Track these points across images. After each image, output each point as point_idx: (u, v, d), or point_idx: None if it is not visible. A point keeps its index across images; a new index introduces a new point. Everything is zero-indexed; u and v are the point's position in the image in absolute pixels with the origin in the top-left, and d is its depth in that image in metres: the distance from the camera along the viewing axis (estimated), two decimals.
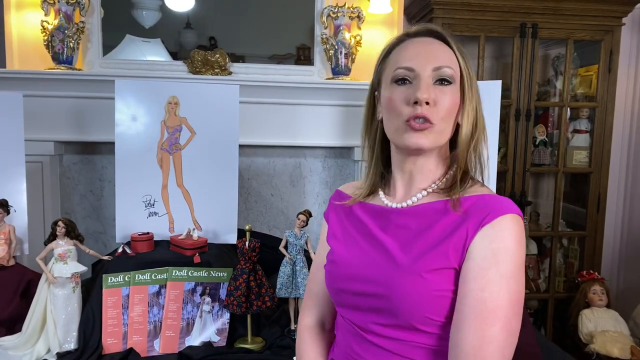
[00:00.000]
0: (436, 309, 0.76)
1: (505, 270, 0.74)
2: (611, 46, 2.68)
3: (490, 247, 0.74)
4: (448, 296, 0.76)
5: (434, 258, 0.77)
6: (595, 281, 2.58)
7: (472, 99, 0.82)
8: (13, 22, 2.33)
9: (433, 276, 0.76)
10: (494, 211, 0.76)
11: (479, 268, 0.74)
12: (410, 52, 0.81)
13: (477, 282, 0.73)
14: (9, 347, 1.57)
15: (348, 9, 2.35)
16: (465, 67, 0.82)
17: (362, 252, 0.85)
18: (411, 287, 0.76)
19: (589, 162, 2.78)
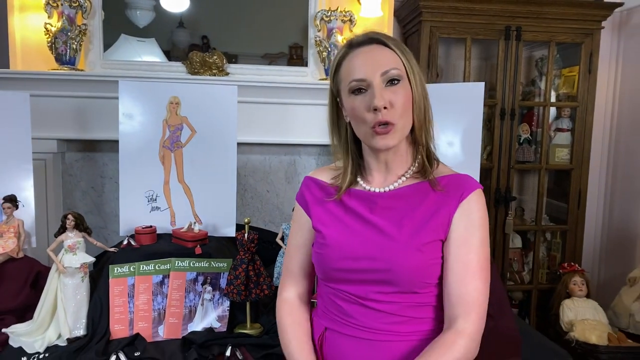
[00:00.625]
0: (430, 275, 0.93)
1: (482, 236, 0.92)
2: (591, 48, 2.81)
3: (469, 218, 0.92)
4: (438, 263, 0.93)
5: (427, 233, 0.92)
6: (576, 273, 2.70)
7: (419, 88, 0.93)
8: (16, 24, 2.41)
9: (428, 248, 0.91)
10: (467, 188, 0.93)
11: (463, 237, 0.91)
12: (358, 63, 0.92)
13: (463, 248, 0.91)
14: (21, 333, 1.66)
15: (340, 13, 2.45)
16: (408, 63, 0.93)
17: (355, 233, 0.95)
18: (411, 260, 0.90)
19: (570, 159, 2.91)
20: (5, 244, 1.85)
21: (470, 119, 2.05)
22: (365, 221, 0.95)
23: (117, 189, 2.51)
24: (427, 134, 0.97)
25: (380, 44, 0.93)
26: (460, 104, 2.07)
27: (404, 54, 0.93)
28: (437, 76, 2.81)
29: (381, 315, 0.92)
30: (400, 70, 0.92)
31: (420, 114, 0.94)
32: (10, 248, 1.86)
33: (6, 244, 1.85)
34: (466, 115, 2.05)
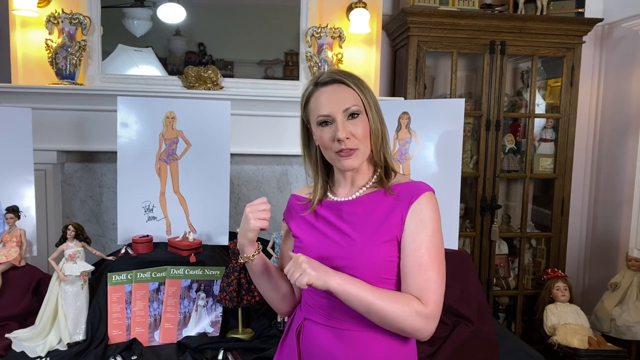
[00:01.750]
0: (387, 271, 1.04)
1: (431, 232, 1.04)
2: (573, 62, 2.92)
3: (419, 217, 1.04)
4: (395, 261, 1.05)
5: (383, 233, 1.04)
6: (559, 278, 2.79)
7: (375, 119, 1.09)
8: (18, 40, 2.50)
9: (384, 247, 1.04)
10: (417, 192, 1.06)
11: (414, 234, 1.03)
12: (324, 101, 1.08)
13: (414, 244, 1.03)
14: (23, 338, 1.75)
15: (330, 30, 2.55)
16: (366, 99, 1.08)
17: (325, 237, 1.11)
18: (368, 257, 1.04)
19: (554, 168, 3.01)
20: (8, 253, 1.94)
21: (452, 132, 2.15)
22: (333, 226, 1.10)
23: (114, 198, 2.60)
24: (385, 153, 1.12)
25: (342, 84, 1.08)
26: (442, 118, 2.17)
27: (362, 91, 1.09)
28: (425, 88, 2.91)
29: (347, 308, 1.02)
30: (359, 106, 1.08)
31: (377, 140, 1.10)
32: (13, 257, 1.95)
33: (9, 252, 1.94)
34: (448, 129, 2.16)
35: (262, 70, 2.70)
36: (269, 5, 2.70)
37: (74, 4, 2.49)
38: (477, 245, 2.96)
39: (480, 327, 1.86)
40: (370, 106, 1.09)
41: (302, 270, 0.98)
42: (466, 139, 2.92)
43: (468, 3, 2.84)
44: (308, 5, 2.62)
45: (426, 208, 1.05)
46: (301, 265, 0.99)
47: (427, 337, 1.02)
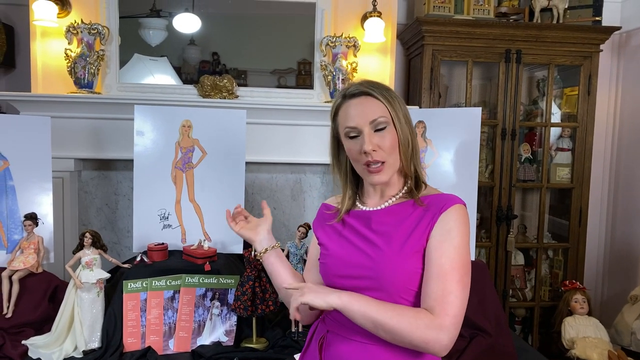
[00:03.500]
0: (413, 282, 1.03)
1: (456, 243, 1.01)
2: (590, 71, 2.89)
3: (446, 228, 1.02)
4: (419, 272, 1.03)
5: (411, 244, 1.04)
6: (577, 290, 2.74)
7: (404, 130, 1.08)
8: (38, 49, 2.54)
9: (410, 257, 1.03)
10: (447, 203, 1.05)
11: (438, 243, 1.02)
12: (351, 114, 1.08)
13: (437, 252, 1.01)
14: (40, 345, 1.76)
15: (345, 39, 2.56)
16: (393, 110, 1.07)
17: (352, 246, 1.10)
18: (395, 267, 1.03)
19: (571, 178, 2.97)
20: (26, 260, 1.96)
21: (468, 142, 2.13)
22: (361, 235, 1.09)
23: (130, 206, 2.63)
24: (416, 164, 1.11)
25: (370, 95, 1.08)
26: (458, 127, 2.16)
27: (390, 102, 1.08)
28: (440, 97, 2.90)
29: None
30: (386, 117, 1.07)
31: (407, 151, 1.08)
32: (31, 264, 1.97)
33: (27, 259, 1.96)
34: (464, 138, 2.14)
35: (275, 79, 2.72)
36: (283, 15, 2.72)
37: (92, 15, 2.53)
38: (492, 256, 2.92)
39: (498, 339, 1.83)
40: (399, 117, 1.08)
41: (301, 292, 0.99)
42: (481, 148, 2.90)
43: (483, 12, 2.83)
44: (323, 15, 2.63)
45: (454, 219, 1.03)
46: (302, 289, 1.01)
47: (441, 350, 0.98)
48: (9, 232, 2.09)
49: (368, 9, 2.60)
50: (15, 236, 2.09)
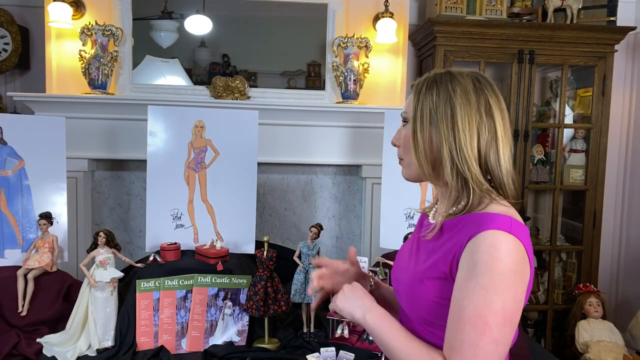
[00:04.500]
0: (435, 314, 0.87)
1: (484, 283, 0.79)
2: (604, 71, 2.86)
3: (472, 259, 0.82)
4: (434, 302, 0.87)
5: (430, 267, 0.89)
6: (592, 293, 2.70)
7: (421, 130, 0.91)
8: (53, 51, 2.57)
9: (431, 283, 0.87)
10: (479, 228, 0.83)
11: (463, 279, 0.82)
12: None
13: (460, 291, 0.82)
14: (54, 343, 1.77)
15: (357, 40, 2.56)
16: (419, 107, 0.92)
17: (402, 258, 1.03)
18: (410, 293, 0.91)
19: (585, 180, 2.93)
20: (40, 258, 1.98)
21: None
22: (413, 247, 1.00)
23: (142, 206, 2.64)
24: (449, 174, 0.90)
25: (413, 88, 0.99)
26: None
27: (417, 97, 0.94)
28: None
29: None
30: (408, 113, 0.96)
31: (421, 155, 0.92)
32: (45, 262, 1.98)
33: (41, 258, 1.98)
34: None
35: (284, 81, 2.72)
36: (293, 17, 2.73)
37: (106, 16, 2.55)
38: None
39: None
40: (417, 114, 0.92)
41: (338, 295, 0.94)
42: None
43: (496, 12, 2.81)
44: (334, 16, 2.63)
45: (482, 250, 0.81)
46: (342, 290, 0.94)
47: None
48: (24, 231, 2.11)
49: (380, 9, 2.60)
50: (30, 235, 2.11)
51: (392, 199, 2.37)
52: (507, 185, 0.92)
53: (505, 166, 0.91)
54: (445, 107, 0.91)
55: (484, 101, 0.91)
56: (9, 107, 2.79)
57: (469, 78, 0.93)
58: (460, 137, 0.89)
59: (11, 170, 2.13)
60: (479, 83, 0.93)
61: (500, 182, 0.91)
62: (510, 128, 0.94)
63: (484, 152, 0.90)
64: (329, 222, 2.80)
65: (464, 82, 0.92)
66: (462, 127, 0.89)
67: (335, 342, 1.89)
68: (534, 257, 0.90)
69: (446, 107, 0.91)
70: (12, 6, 2.75)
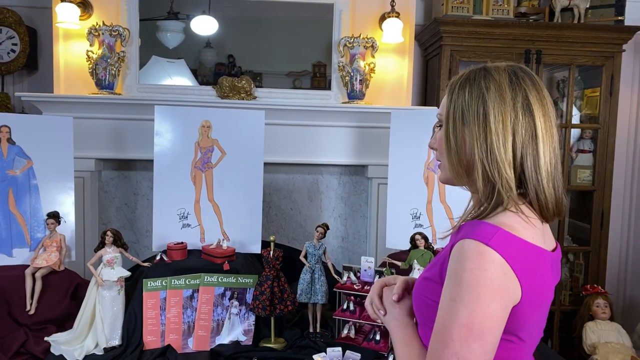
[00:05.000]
0: (424, 314, 0.85)
1: (454, 294, 0.76)
2: (612, 71, 2.84)
3: (450, 269, 0.79)
4: (426, 303, 0.85)
5: (428, 269, 0.89)
6: (599, 295, 2.68)
7: (454, 132, 0.87)
8: (61, 51, 2.59)
9: (425, 283, 0.87)
10: (464, 235, 0.79)
11: (443, 289, 0.79)
12: None
13: (440, 304, 0.78)
14: (62, 342, 1.78)
15: (363, 40, 2.56)
16: (451, 107, 0.88)
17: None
18: (415, 288, 0.90)
19: (593, 180, 2.92)
20: (48, 257, 1.99)
21: None
22: None
23: (148, 206, 2.65)
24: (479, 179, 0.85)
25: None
26: None
27: (451, 97, 0.89)
28: None
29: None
30: (441, 114, 0.91)
31: (454, 159, 0.87)
32: (53, 261, 2.00)
33: (49, 257, 1.99)
34: None
35: (290, 81, 2.72)
36: (299, 18, 2.73)
37: (113, 17, 2.56)
38: None
39: None
40: (454, 116, 0.87)
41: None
42: None
43: (502, 12, 2.80)
44: (341, 16, 2.63)
45: (456, 260, 0.77)
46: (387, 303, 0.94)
47: None
48: (32, 230, 2.13)
49: (386, 9, 2.60)
50: (38, 234, 2.12)
51: (398, 199, 2.36)
52: (547, 190, 0.83)
53: (545, 168, 0.83)
54: (478, 106, 0.85)
55: (522, 97, 0.84)
56: (17, 107, 2.81)
57: (505, 73, 0.86)
58: (492, 138, 0.83)
59: (19, 170, 2.14)
60: (516, 77, 0.85)
61: (537, 188, 0.83)
62: (555, 124, 0.86)
63: (519, 154, 0.83)
64: (335, 222, 2.80)
65: (499, 77, 0.85)
66: (494, 127, 0.83)
67: (341, 342, 1.88)
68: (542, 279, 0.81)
69: (478, 106, 0.85)
70: (20, 7, 2.77)
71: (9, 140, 2.13)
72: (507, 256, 0.76)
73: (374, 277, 2.00)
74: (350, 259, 2.80)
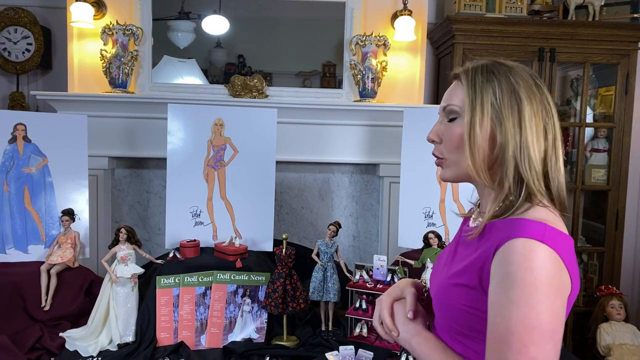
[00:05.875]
0: (462, 322, 0.81)
1: (514, 296, 0.72)
2: (628, 69, 2.80)
3: (500, 272, 0.75)
4: (478, 315, 0.79)
5: (459, 274, 0.83)
6: (614, 296, 2.65)
7: (481, 127, 0.83)
8: (75, 50, 2.61)
9: (459, 290, 0.82)
10: (508, 235, 0.76)
11: (494, 294, 0.76)
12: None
13: (493, 308, 0.75)
14: (76, 338, 1.80)
15: (375, 38, 2.55)
16: (477, 99, 0.83)
17: (439, 263, 0.95)
18: (442, 296, 0.85)
19: (607, 180, 2.88)
20: (63, 254, 2.01)
21: None
22: (451, 253, 0.93)
23: (161, 204, 2.67)
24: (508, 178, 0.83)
25: (458, 79, 0.89)
26: None
27: (473, 88, 0.84)
28: None
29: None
30: (459, 106, 0.85)
31: (478, 154, 0.83)
32: (68, 258, 2.02)
33: (64, 254, 2.01)
34: None
35: (300, 81, 2.73)
36: (309, 17, 2.73)
37: (127, 16, 2.58)
38: None
39: None
40: (476, 109, 0.83)
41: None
42: None
43: (516, 10, 2.77)
44: (353, 14, 2.62)
45: (513, 261, 0.74)
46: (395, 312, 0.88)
47: None
48: (47, 227, 2.15)
49: (398, 7, 2.59)
50: (52, 231, 2.14)
51: (410, 197, 2.35)
52: (562, 195, 0.84)
53: (562, 174, 0.85)
54: (511, 101, 0.82)
55: (545, 98, 0.84)
56: (32, 106, 2.84)
57: (525, 72, 0.86)
58: (527, 134, 0.81)
59: (35, 168, 2.17)
60: (535, 78, 0.85)
61: (558, 185, 0.84)
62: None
63: (548, 154, 0.83)
64: (346, 221, 2.79)
65: (524, 74, 0.85)
66: (529, 124, 0.82)
67: (354, 340, 1.88)
68: (578, 270, 0.80)
69: (512, 100, 0.82)
70: (35, 7, 2.80)
71: (24, 138, 2.16)
72: (558, 251, 0.75)
73: (387, 275, 1.99)
74: (361, 257, 2.80)
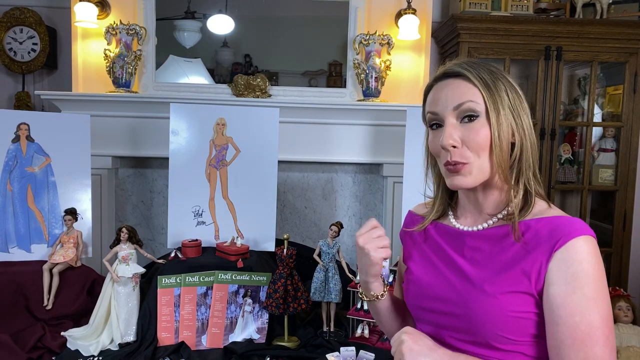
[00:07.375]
0: (513, 329, 0.79)
1: (590, 293, 0.75)
2: (636, 68, 2.76)
3: (569, 271, 0.76)
4: (529, 317, 0.79)
5: (506, 281, 0.80)
6: (621, 297, 2.61)
7: (503, 127, 0.81)
8: (79, 50, 2.62)
9: (507, 298, 0.79)
10: (565, 235, 0.77)
11: (564, 294, 0.76)
12: (434, 96, 0.86)
13: (566, 308, 0.75)
14: (78, 337, 1.80)
15: (379, 37, 2.53)
16: (491, 97, 0.81)
17: (438, 273, 0.89)
18: (485, 307, 0.80)
19: (615, 180, 2.84)
20: (65, 254, 2.01)
21: None
22: (451, 261, 0.89)
23: (164, 203, 2.67)
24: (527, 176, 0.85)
25: (461, 77, 0.84)
26: None
27: (486, 86, 0.82)
28: None
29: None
30: (479, 103, 0.81)
31: (502, 155, 0.81)
32: (70, 257, 2.02)
33: (67, 253, 2.02)
34: None
35: (306, 80, 2.72)
36: (315, 17, 2.72)
37: (131, 16, 2.59)
38: None
39: None
40: (498, 107, 0.81)
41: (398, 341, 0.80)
42: None
43: (522, 8, 2.74)
44: (356, 13, 2.61)
45: (582, 259, 0.76)
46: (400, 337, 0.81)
47: None
48: (50, 226, 2.16)
49: (402, 6, 2.57)
50: (55, 230, 2.15)
51: (414, 197, 2.33)
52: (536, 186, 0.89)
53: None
54: (519, 97, 0.84)
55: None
56: (37, 105, 2.86)
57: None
58: (532, 133, 0.85)
59: (38, 167, 2.17)
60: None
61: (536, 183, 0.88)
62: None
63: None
64: (349, 221, 2.78)
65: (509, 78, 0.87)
66: (529, 122, 0.85)
67: (355, 341, 1.87)
68: None
69: (518, 97, 0.84)
70: (40, 7, 2.82)
71: (28, 137, 2.17)
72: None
73: (389, 276, 1.97)
74: None
